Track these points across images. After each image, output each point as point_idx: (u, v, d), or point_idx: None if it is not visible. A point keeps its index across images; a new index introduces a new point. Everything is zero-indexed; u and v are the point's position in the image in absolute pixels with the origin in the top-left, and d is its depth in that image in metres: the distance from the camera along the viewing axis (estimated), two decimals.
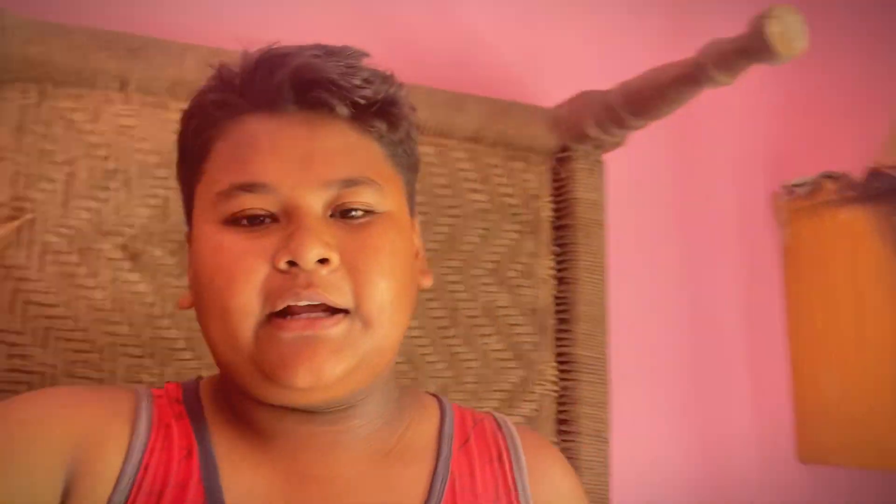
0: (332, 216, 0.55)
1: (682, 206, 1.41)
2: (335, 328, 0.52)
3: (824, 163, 1.42)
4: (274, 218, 0.55)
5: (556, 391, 1.11)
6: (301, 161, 0.55)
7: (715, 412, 1.36)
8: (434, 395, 0.70)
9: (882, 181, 1.28)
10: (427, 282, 0.65)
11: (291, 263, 0.52)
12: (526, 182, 1.15)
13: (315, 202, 0.54)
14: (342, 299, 0.53)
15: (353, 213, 0.56)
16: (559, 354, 1.12)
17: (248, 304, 0.52)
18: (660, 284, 1.36)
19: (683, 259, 1.39)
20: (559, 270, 1.14)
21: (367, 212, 0.56)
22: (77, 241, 0.88)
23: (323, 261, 0.52)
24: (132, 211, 0.91)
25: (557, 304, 1.13)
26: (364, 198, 0.56)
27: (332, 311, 0.53)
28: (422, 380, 1.03)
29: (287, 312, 0.52)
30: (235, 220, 0.55)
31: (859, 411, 1.30)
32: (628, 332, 1.25)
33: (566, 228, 1.14)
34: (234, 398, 0.59)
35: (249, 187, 0.54)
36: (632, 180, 1.34)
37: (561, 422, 1.10)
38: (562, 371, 1.11)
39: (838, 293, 1.36)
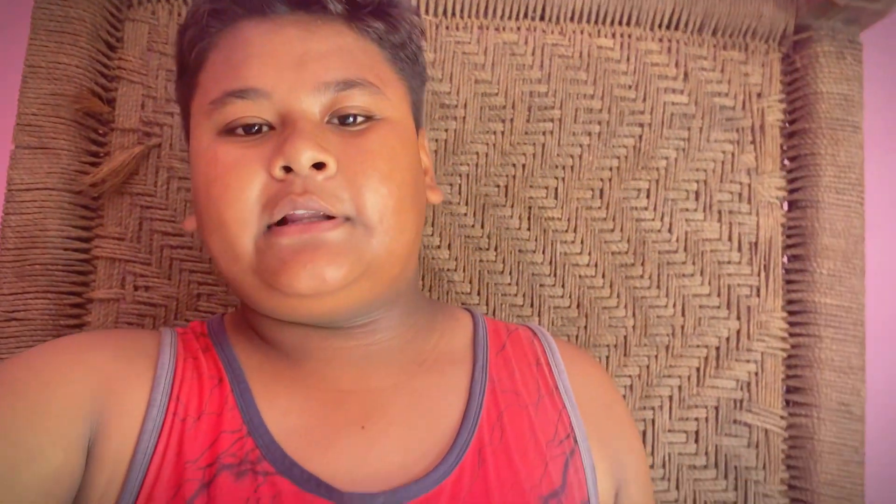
0: (329, 123, 0.53)
1: None
2: (334, 231, 0.50)
3: None
4: (270, 126, 0.53)
5: (784, 350, 0.84)
6: (295, 64, 0.52)
7: None
8: (465, 308, 0.67)
9: None
10: (435, 198, 0.62)
11: (287, 170, 0.50)
12: (746, 77, 0.87)
13: (311, 106, 0.52)
14: (340, 207, 0.50)
15: (351, 119, 0.53)
16: (790, 302, 0.84)
17: (245, 215, 0.50)
18: None
19: None
20: (792, 192, 0.86)
21: (367, 118, 0.54)
22: None
23: (319, 166, 0.50)
24: None
25: (789, 237, 0.85)
26: (361, 101, 0.53)
27: (330, 218, 0.51)
28: (597, 329, 0.83)
29: (285, 221, 0.50)
30: (230, 131, 0.53)
31: None
32: (892, 273, 0.92)
33: (803, 134, 0.85)
34: (256, 322, 0.58)
35: (242, 93, 0.52)
36: None
37: (791, 390, 0.83)
38: (794, 324, 0.84)
39: None
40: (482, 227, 0.84)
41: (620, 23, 0.87)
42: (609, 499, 0.59)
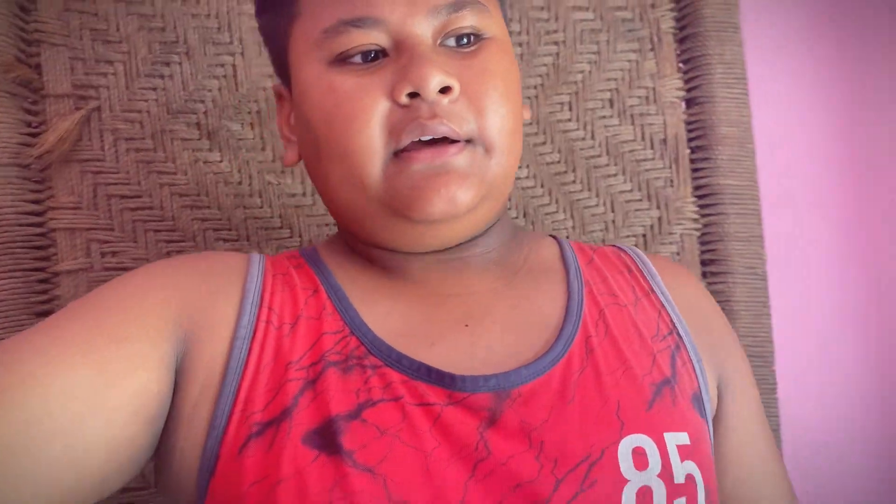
0: (441, 45, 0.53)
1: None
2: (461, 155, 0.51)
3: None
4: (384, 53, 0.53)
5: (698, 229, 0.96)
6: None
7: (889, 239, 1.17)
8: (549, 234, 0.69)
9: None
10: (527, 113, 0.62)
11: (412, 96, 0.50)
12: None
13: (425, 30, 0.52)
14: (466, 128, 0.51)
15: (463, 40, 0.54)
16: (698, 188, 0.97)
17: (371, 143, 0.51)
18: (812, 94, 1.15)
19: (841, 58, 1.16)
20: (689, 90, 0.97)
21: (476, 36, 0.54)
22: (147, 125, 0.81)
23: (444, 90, 0.50)
24: (200, 84, 0.83)
25: (690, 131, 0.97)
26: (472, 21, 0.54)
27: (454, 142, 0.51)
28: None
29: (412, 147, 0.51)
30: (344, 60, 0.52)
31: None
32: (777, 153, 1.07)
33: (693, 38, 0.96)
34: (358, 248, 0.59)
35: (359, 22, 0.52)
36: None
37: (707, 262, 0.96)
38: (703, 206, 0.96)
39: None
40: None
41: None
42: (715, 398, 0.60)
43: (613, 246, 0.67)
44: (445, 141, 0.51)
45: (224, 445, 0.47)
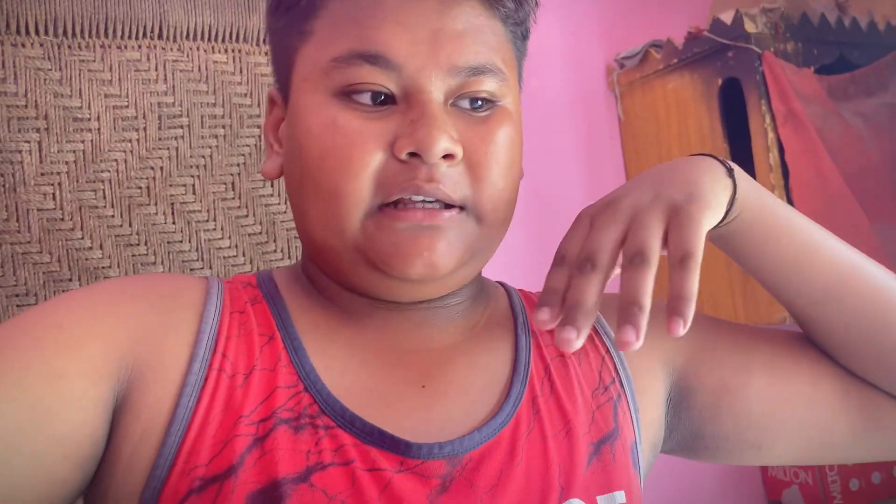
0: (453, 105, 0.52)
1: None
2: (451, 221, 0.50)
3: (652, 31, 1.41)
4: (392, 99, 0.50)
5: None
6: (430, 40, 0.50)
7: None
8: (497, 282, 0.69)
9: (700, 44, 1.28)
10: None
11: (413, 154, 0.49)
12: None
13: (439, 88, 0.50)
14: (460, 194, 0.50)
15: (475, 103, 0.52)
16: None
17: (360, 191, 0.49)
18: None
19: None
20: None
21: (488, 101, 0.53)
22: None
23: (447, 156, 0.49)
24: None
25: None
26: (489, 87, 0.52)
27: (447, 205, 0.50)
28: None
29: (399, 202, 0.50)
30: (349, 94, 0.50)
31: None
32: None
33: None
34: (321, 284, 0.56)
35: (373, 58, 0.49)
36: None
37: None
38: None
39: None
40: (130, 225, 0.95)
41: (231, 39, 1.03)
42: (658, 417, 0.60)
43: None
44: (438, 203, 0.50)
45: (163, 498, 0.45)
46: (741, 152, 1.26)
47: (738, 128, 1.27)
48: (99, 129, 0.95)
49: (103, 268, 0.94)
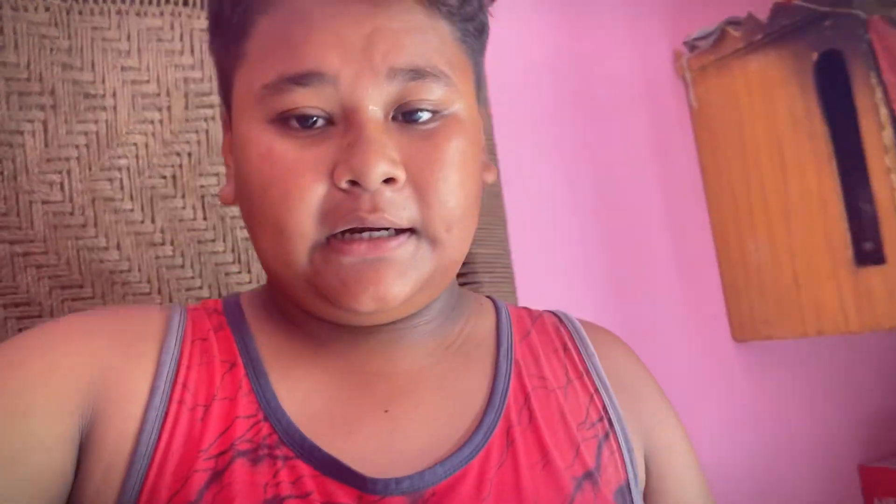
0: (394, 119, 0.49)
1: (577, 76, 1.24)
2: (400, 249, 0.47)
3: (727, 9, 1.27)
4: (329, 120, 0.48)
5: None
6: (363, 44, 0.47)
7: (640, 301, 1.23)
8: (487, 296, 0.65)
9: (791, 16, 1.13)
10: (490, 177, 0.58)
11: (353, 182, 0.46)
12: None
13: (377, 100, 0.47)
14: (407, 219, 0.47)
15: (419, 115, 0.49)
16: None
17: (302, 225, 0.47)
18: (559, 164, 1.21)
19: (586, 134, 1.23)
20: None
21: (434, 112, 0.49)
22: None
23: (389, 180, 0.46)
24: None
25: None
26: (432, 94, 0.48)
27: (396, 231, 0.48)
28: None
29: (346, 233, 0.47)
30: (285, 120, 0.48)
31: (788, 276, 1.19)
32: (527, 222, 1.09)
33: None
34: (286, 308, 0.55)
35: (303, 79, 0.47)
36: (519, 46, 1.16)
37: None
38: (459, 274, 0.95)
39: (755, 151, 1.23)
40: (153, 221, 0.80)
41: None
42: (643, 472, 0.58)
43: (553, 314, 0.64)
44: (386, 231, 0.47)
45: None
46: (845, 133, 1.10)
47: (839, 107, 1.11)
48: (115, 108, 0.79)
49: (121, 271, 0.78)
